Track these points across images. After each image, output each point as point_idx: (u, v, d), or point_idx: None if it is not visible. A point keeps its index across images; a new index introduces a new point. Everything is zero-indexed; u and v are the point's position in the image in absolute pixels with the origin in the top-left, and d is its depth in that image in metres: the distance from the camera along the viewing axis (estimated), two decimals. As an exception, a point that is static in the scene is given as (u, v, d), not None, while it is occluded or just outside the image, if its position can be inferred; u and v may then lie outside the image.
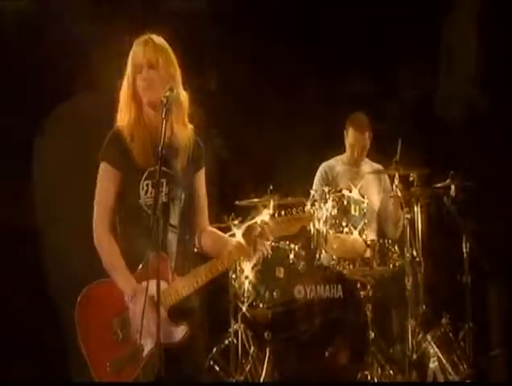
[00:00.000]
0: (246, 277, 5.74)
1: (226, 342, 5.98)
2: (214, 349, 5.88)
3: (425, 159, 6.22)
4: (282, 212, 3.69)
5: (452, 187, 6.04)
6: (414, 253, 5.92)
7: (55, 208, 6.13)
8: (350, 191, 5.90)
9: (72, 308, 3.70)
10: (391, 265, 5.78)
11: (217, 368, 5.86)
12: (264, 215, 3.77)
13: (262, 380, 5.63)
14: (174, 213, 3.65)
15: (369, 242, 5.80)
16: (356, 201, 5.85)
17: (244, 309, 5.80)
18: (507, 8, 6.66)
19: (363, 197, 5.92)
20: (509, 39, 6.72)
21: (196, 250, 3.86)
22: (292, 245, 5.80)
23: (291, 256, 5.78)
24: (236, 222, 5.79)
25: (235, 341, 5.94)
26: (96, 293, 3.67)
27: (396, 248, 5.83)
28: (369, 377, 5.51)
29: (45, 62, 6.14)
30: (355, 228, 5.77)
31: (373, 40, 7.04)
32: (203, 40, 6.53)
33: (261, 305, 5.74)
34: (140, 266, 3.57)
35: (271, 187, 6.02)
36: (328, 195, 5.80)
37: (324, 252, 5.81)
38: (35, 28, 6.23)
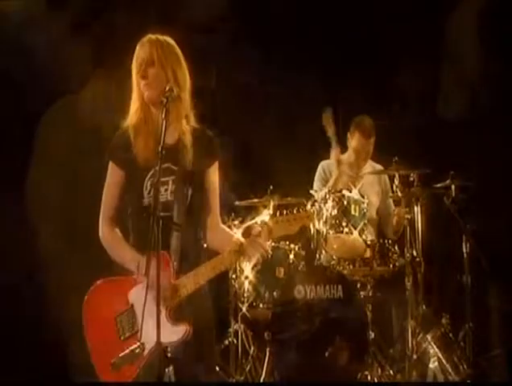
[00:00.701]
0: (246, 277, 5.74)
1: (226, 342, 5.98)
2: (214, 349, 5.89)
3: (425, 159, 6.22)
4: (284, 212, 3.68)
5: (452, 187, 6.05)
6: (414, 253, 5.92)
7: (61, 208, 6.14)
8: (350, 191, 5.90)
9: (72, 307, 3.71)
10: (391, 265, 5.78)
11: (217, 368, 5.85)
12: (264, 216, 3.75)
13: (262, 380, 5.63)
14: (179, 211, 3.64)
15: (369, 242, 5.80)
16: (356, 201, 5.84)
17: (244, 309, 5.80)
18: (508, 8, 6.66)
19: (363, 197, 5.92)
20: (510, 39, 6.72)
21: (204, 245, 3.83)
22: (292, 245, 5.80)
23: (291, 256, 5.79)
24: (236, 222, 5.79)
25: (235, 341, 5.94)
26: (102, 291, 3.69)
27: (396, 248, 5.83)
28: (369, 377, 5.51)
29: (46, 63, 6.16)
30: (355, 228, 5.77)
31: (373, 40, 7.04)
32: (204, 40, 6.52)
33: (261, 305, 5.74)
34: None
35: (271, 187, 6.03)
36: (328, 196, 5.80)
37: (324, 252, 5.81)
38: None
